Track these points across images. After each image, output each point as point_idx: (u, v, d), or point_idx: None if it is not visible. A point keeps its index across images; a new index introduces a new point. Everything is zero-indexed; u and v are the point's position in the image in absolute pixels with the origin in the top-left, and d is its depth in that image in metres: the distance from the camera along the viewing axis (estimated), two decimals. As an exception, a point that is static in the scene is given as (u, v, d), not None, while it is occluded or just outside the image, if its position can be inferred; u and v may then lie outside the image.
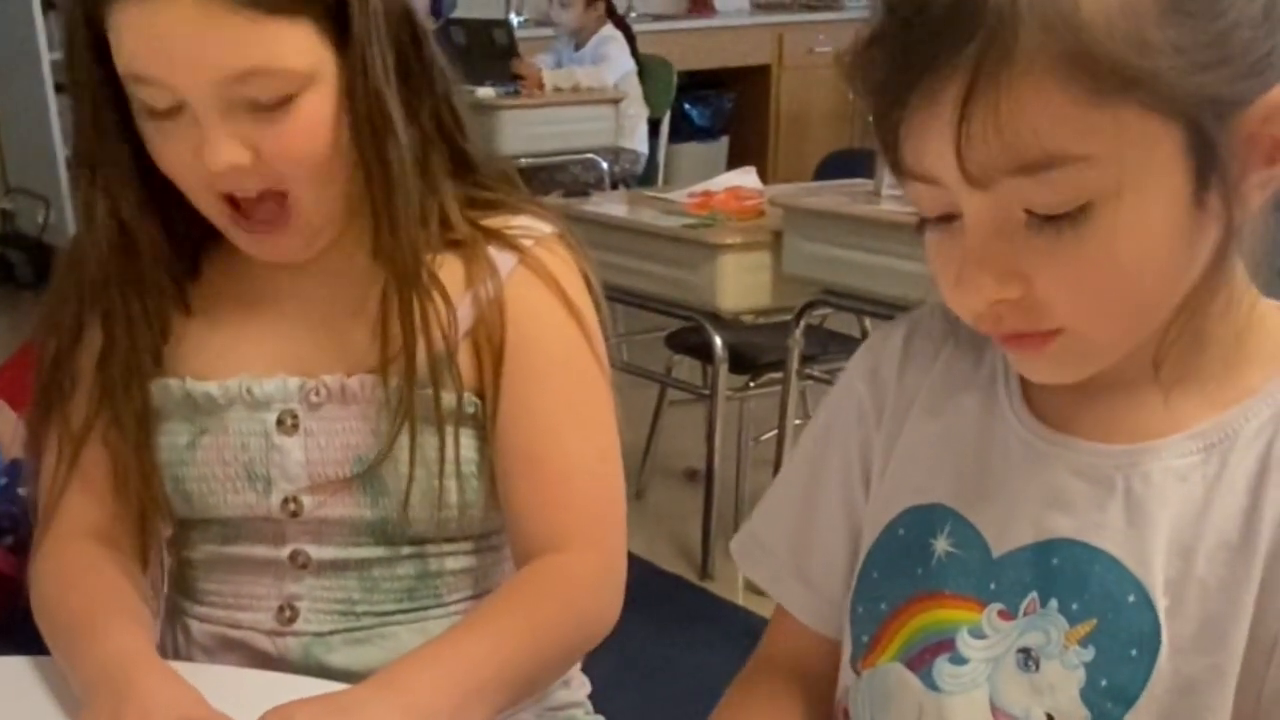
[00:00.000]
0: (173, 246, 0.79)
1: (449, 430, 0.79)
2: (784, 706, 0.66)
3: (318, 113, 0.71)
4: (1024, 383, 0.58)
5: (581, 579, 0.80)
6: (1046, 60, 0.42)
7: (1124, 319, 0.50)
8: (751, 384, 2.23)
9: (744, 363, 2.16)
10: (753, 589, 1.87)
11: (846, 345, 2.23)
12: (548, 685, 0.87)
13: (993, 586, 0.57)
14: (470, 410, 0.80)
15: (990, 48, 0.41)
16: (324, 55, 0.71)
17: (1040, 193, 0.44)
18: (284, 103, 0.70)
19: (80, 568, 0.82)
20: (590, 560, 0.80)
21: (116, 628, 0.74)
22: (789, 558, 0.68)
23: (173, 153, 0.71)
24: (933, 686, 0.58)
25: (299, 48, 0.70)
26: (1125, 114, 0.42)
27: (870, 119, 0.48)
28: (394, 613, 0.85)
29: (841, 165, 2.37)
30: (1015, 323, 0.48)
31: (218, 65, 0.68)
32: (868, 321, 2.16)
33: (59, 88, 3.33)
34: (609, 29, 3.37)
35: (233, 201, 0.73)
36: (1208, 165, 0.44)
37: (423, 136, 0.77)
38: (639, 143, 3.39)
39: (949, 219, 0.47)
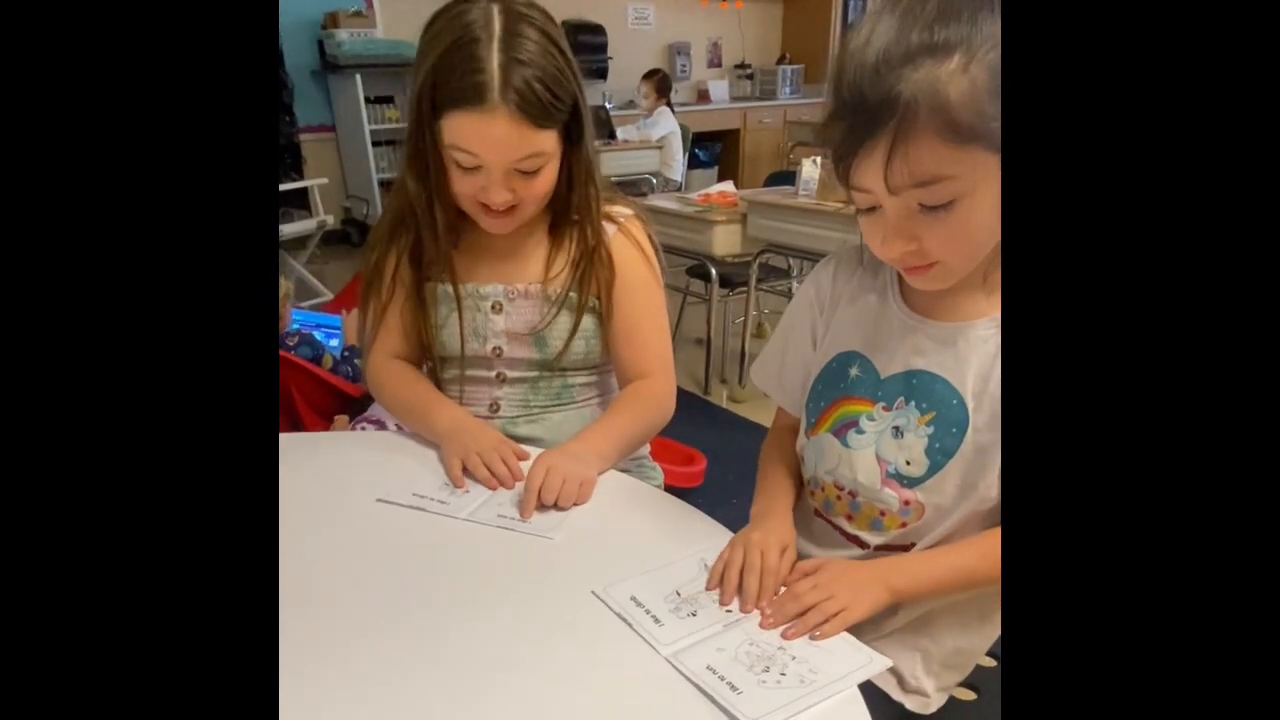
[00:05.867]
0: (451, 220, 1.01)
1: (582, 314, 1.03)
2: (788, 440, 0.88)
3: (550, 175, 0.95)
4: (902, 288, 0.77)
5: (658, 390, 1.04)
6: (932, 127, 0.58)
7: (968, 257, 0.67)
8: (730, 293, 3.01)
9: (726, 282, 2.91)
10: (732, 399, 2.89)
11: (779, 274, 3.14)
12: (643, 444, 1.12)
13: (880, 394, 0.76)
14: (593, 305, 1.03)
15: (903, 122, 0.58)
16: (558, 144, 0.94)
17: (928, 196, 0.61)
18: (537, 170, 0.93)
19: (405, 373, 1.07)
20: (661, 381, 1.05)
21: (448, 405, 1.02)
22: (775, 376, 0.89)
23: (467, 185, 0.94)
24: (846, 445, 0.77)
25: (550, 143, 0.92)
26: (973, 152, 0.58)
27: (828, 157, 0.65)
28: (550, 406, 1.08)
29: (776, 180, 3.16)
30: (913, 261, 0.67)
31: (514, 152, 0.90)
32: (790, 260, 3.00)
33: (375, 143, 4.85)
34: (663, 108, 4.70)
35: (485, 206, 0.95)
36: None
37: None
38: (678, 173, 4.61)
39: (873, 210, 0.65)
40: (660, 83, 4.76)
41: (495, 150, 0.90)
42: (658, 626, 0.67)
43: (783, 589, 0.71)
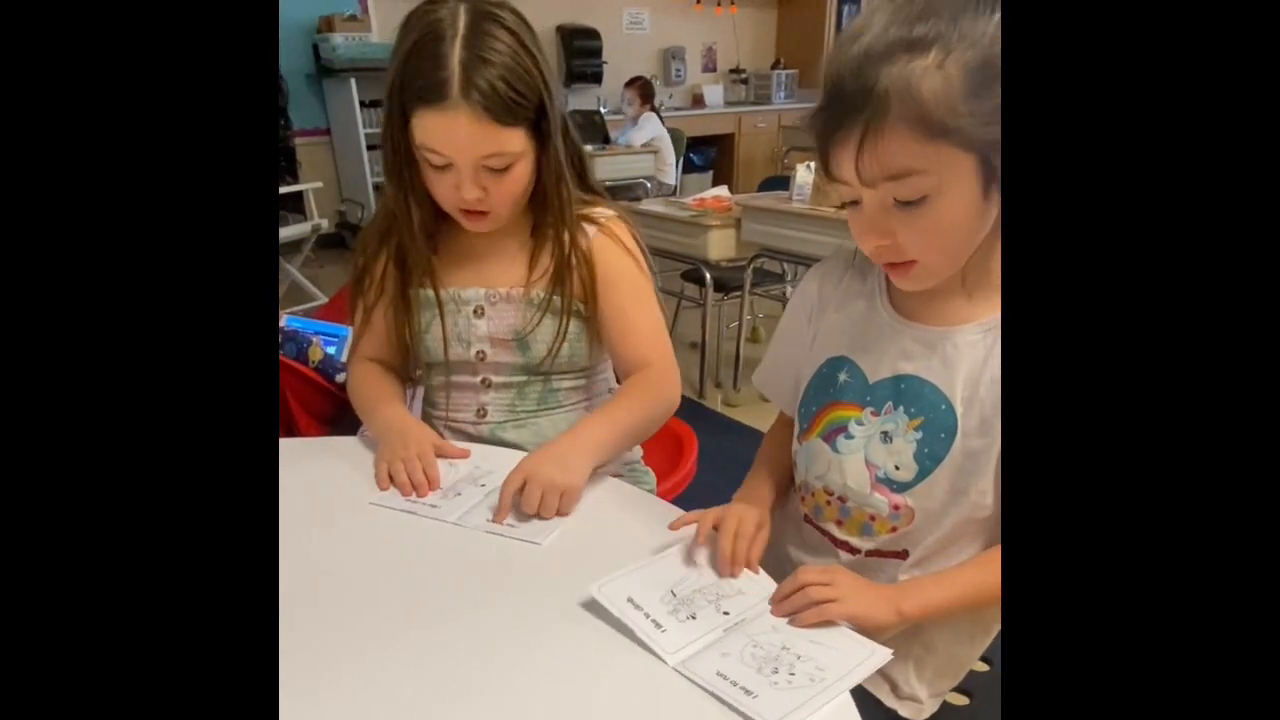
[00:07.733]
0: (427, 223, 1.01)
1: (566, 318, 1.02)
2: (785, 436, 0.88)
3: (522, 173, 0.95)
4: (890, 292, 0.78)
5: (659, 379, 1.02)
6: (903, 120, 0.59)
7: (947, 257, 0.68)
8: (724, 298, 3.07)
9: (720, 286, 2.96)
10: (727, 403, 2.92)
11: (774, 278, 3.19)
12: (646, 438, 1.07)
13: (868, 399, 0.76)
14: (577, 308, 1.03)
15: (874, 114, 0.59)
16: (528, 143, 0.93)
17: (900, 190, 0.62)
18: (507, 168, 0.93)
19: (370, 373, 1.09)
20: (662, 370, 1.02)
21: (392, 405, 1.03)
22: (772, 380, 0.91)
23: (441, 185, 0.94)
24: (835, 450, 0.78)
25: (517, 141, 0.92)
26: (945, 148, 0.59)
27: (817, 152, 0.66)
28: (536, 410, 1.08)
29: (771, 184, 3.22)
30: (890, 257, 0.68)
31: (478, 150, 0.90)
32: (784, 265, 3.07)
33: (370, 146, 4.84)
34: (648, 114, 4.80)
35: (463, 208, 0.96)
36: (990, 176, 0.61)
37: (569, 171, 1.00)
38: (672, 177, 4.71)
39: (855, 203, 0.67)
40: (643, 89, 4.82)
41: (459, 147, 0.90)
42: (659, 633, 0.67)
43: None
